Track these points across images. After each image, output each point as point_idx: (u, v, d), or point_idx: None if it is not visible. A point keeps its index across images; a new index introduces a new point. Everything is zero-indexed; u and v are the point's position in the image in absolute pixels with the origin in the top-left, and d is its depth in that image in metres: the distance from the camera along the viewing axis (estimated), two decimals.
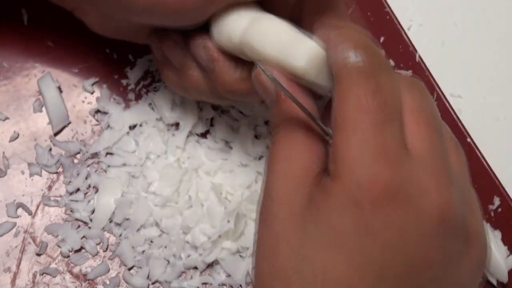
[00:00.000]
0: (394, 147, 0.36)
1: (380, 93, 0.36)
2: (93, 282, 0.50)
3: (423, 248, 0.35)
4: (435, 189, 0.35)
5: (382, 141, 0.35)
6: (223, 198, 0.51)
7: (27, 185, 0.52)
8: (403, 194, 0.35)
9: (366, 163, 0.35)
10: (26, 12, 0.54)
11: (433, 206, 0.35)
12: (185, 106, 0.53)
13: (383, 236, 0.35)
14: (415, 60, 0.55)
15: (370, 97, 0.36)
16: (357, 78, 0.37)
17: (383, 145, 0.35)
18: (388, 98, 0.36)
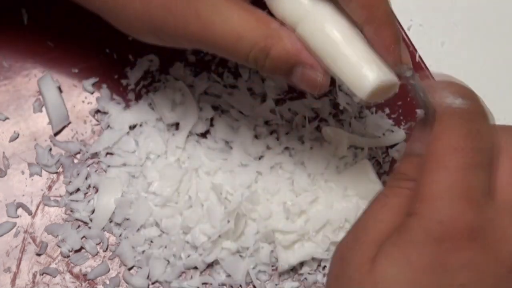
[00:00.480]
0: (480, 191, 0.36)
1: (475, 137, 0.37)
2: (93, 282, 0.50)
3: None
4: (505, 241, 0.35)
5: (468, 183, 0.36)
6: (223, 198, 0.51)
7: (27, 185, 0.52)
8: (484, 237, 0.35)
9: (450, 202, 0.35)
10: (26, 12, 0.54)
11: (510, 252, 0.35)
12: (185, 106, 0.53)
13: (460, 276, 0.35)
14: (415, 60, 0.55)
15: (465, 139, 0.36)
16: (457, 121, 0.37)
17: (469, 188, 0.36)
18: (483, 143, 0.37)
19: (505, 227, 0.35)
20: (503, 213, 0.36)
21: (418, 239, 0.35)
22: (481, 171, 0.36)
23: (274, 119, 0.54)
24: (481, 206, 0.35)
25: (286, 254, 0.50)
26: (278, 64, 0.40)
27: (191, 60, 0.55)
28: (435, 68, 0.56)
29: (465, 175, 0.36)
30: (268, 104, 0.54)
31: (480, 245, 0.35)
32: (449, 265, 0.35)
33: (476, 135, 0.37)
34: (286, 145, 0.53)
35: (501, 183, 0.37)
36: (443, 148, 0.36)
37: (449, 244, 0.35)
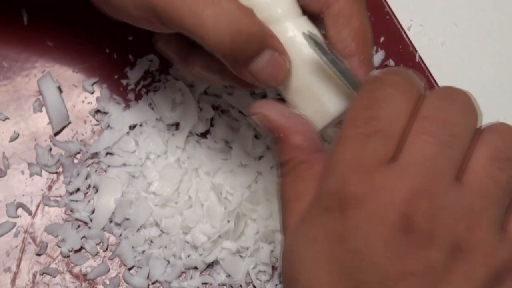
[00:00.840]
0: (371, 158, 0.36)
1: (371, 106, 0.36)
2: (93, 282, 0.50)
3: (393, 259, 0.34)
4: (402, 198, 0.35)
5: (358, 152, 0.36)
6: (223, 198, 0.51)
7: (27, 185, 0.52)
8: (370, 201, 0.35)
9: (338, 173, 0.36)
10: (26, 12, 0.54)
11: (396, 213, 0.34)
12: (185, 106, 0.53)
13: (351, 242, 0.35)
14: (415, 60, 0.55)
15: (361, 110, 0.37)
16: (361, 93, 0.37)
17: (358, 156, 0.36)
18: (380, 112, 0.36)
19: (390, 189, 0.35)
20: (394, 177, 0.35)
21: (315, 214, 0.37)
22: (376, 139, 0.36)
23: None
24: (370, 173, 0.35)
25: None
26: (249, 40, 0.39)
27: None
28: (435, 68, 0.56)
29: (357, 145, 0.36)
30: None
31: (366, 211, 0.35)
32: (339, 233, 0.35)
33: (375, 105, 0.36)
34: None
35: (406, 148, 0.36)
36: (345, 121, 0.37)
37: (337, 213, 0.35)
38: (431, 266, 0.34)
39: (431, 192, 0.35)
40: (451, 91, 0.38)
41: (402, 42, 0.56)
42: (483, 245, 0.35)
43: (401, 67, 0.40)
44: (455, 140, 0.36)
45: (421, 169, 0.35)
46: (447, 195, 0.35)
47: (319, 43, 0.40)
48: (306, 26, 0.41)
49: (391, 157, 0.36)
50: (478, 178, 0.35)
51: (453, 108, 0.36)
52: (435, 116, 0.36)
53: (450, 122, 0.36)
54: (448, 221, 0.35)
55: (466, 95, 0.37)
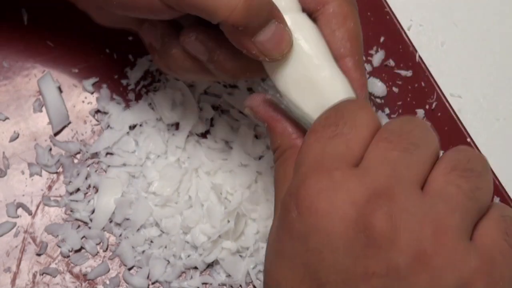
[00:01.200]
0: (331, 159, 0.36)
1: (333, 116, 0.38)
2: (93, 282, 0.50)
3: (354, 258, 0.34)
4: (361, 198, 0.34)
5: (321, 153, 0.36)
6: (223, 198, 0.51)
7: (27, 185, 0.52)
8: (328, 199, 0.35)
9: (300, 174, 0.37)
10: (26, 12, 0.54)
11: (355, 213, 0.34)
12: (185, 106, 0.53)
13: (311, 242, 0.35)
14: (415, 60, 0.55)
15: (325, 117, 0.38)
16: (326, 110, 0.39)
17: (318, 156, 0.36)
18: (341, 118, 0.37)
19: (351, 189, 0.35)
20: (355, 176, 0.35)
21: (280, 212, 0.37)
22: (338, 141, 0.36)
23: None
24: (329, 171, 0.35)
25: None
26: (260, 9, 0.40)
27: None
28: (435, 68, 0.56)
29: (318, 147, 0.37)
30: None
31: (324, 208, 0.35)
32: (298, 233, 0.35)
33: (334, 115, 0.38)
34: None
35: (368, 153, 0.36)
36: (307, 135, 0.38)
37: (294, 212, 0.35)
38: (394, 268, 0.34)
39: (392, 194, 0.35)
40: (409, 117, 0.39)
41: (402, 42, 0.56)
42: (450, 251, 0.34)
43: None
44: (415, 149, 0.36)
45: (381, 171, 0.35)
46: (409, 198, 0.35)
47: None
48: (305, 22, 0.42)
49: (352, 161, 0.36)
50: (440, 186, 0.35)
51: (413, 125, 0.37)
52: (396, 129, 0.37)
53: (410, 134, 0.36)
54: (410, 224, 0.34)
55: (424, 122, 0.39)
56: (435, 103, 0.55)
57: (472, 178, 0.36)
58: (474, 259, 0.34)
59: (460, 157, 0.36)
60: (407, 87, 0.55)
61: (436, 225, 0.34)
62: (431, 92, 0.55)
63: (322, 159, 0.36)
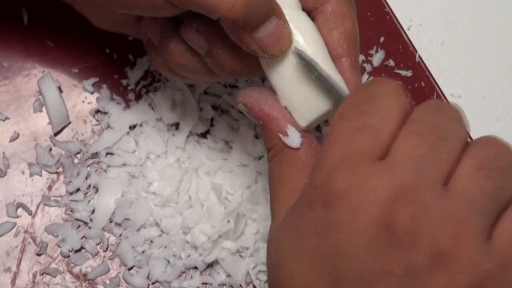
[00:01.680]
0: (358, 150, 0.36)
1: (362, 103, 0.37)
2: (93, 282, 0.50)
3: (373, 256, 0.34)
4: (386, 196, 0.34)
5: (346, 145, 0.36)
6: (223, 198, 0.51)
7: (27, 185, 0.52)
8: (354, 197, 0.35)
9: (326, 166, 0.36)
10: (26, 12, 0.54)
11: (380, 211, 0.34)
12: (185, 106, 0.53)
13: (333, 237, 0.35)
14: (415, 60, 0.55)
15: (352, 106, 0.37)
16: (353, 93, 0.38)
17: (345, 149, 0.36)
18: (372, 107, 0.36)
19: (376, 185, 0.35)
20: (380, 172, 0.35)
21: (300, 205, 0.37)
22: (365, 133, 0.36)
23: None
24: (355, 167, 0.35)
25: None
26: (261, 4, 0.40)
27: None
28: (435, 68, 0.56)
29: (345, 138, 0.36)
30: None
31: (350, 205, 0.35)
32: (322, 227, 0.35)
33: (366, 102, 0.37)
34: None
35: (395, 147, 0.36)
36: (335, 118, 0.37)
37: (320, 206, 0.35)
38: (412, 268, 0.34)
39: (417, 193, 0.35)
40: (442, 103, 0.38)
41: (402, 42, 0.56)
42: (467, 254, 0.34)
43: None
44: (443, 144, 0.35)
45: (407, 168, 0.35)
46: (433, 198, 0.35)
47: (307, 60, 0.40)
48: (304, 20, 0.41)
49: (379, 154, 0.36)
50: (464, 185, 0.35)
51: (443, 116, 0.37)
52: (425, 120, 0.36)
53: (440, 127, 0.36)
54: (432, 225, 0.34)
55: (456, 109, 0.38)
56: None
57: (497, 178, 0.35)
58: (489, 261, 0.34)
59: (488, 153, 0.36)
60: (407, 87, 0.55)
61: (456, 227, 0.34)
62: (431, 92, 0.55)
63: (349, 152, 0.36)
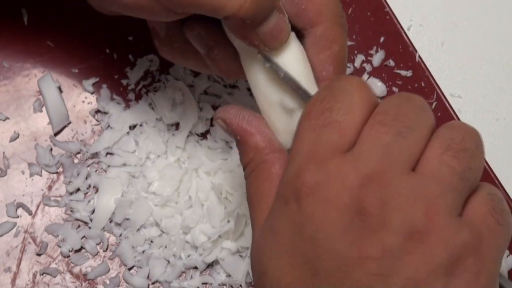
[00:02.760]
0: (325, 146, 0.36)
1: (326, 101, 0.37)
2: (93, 282, 0.50)
3: (348, 244, 0.35)
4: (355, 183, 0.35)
5: (313, 142, 0.37)
6: (223, 198, 0.51)
7: (27, 185, 0.52)
8: (324, 188, 0.35)
9: (296, 164, 0.37)
10: (26, 12, 0.54)
11: (351, 198, 0.35)
12: (185, 106, 0.53)
13: (307, 230, 0.35)
14: (415, 60, 0.55)
15: (316, 104, 0.37)
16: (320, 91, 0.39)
17: (312, 146, 0.36)
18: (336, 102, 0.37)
19: (344, 176, 0.35)
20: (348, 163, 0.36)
21: (275, 207, 0.38)
22: (330, 129, 0.36)
23: None
24: (324, 162, 0.36)
25: None
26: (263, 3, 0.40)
27: None
28: (435, 68, 0.56)
29: (312, 135, 0.37)
30: None
31: (320, 197, 0.35)
32: (297, 223, 0.36)
33: (328, 98, 0.37)
34: None
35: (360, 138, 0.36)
36: (301, 117, 0.38)
37: (294, 203, 0.36)
38: (387, 250, 0.34)
39: (385, 177, 0.35)
40: (407, 94, 0.38)
41: (402, 42, 0.56)
42: (442, 228, 0.35)
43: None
44: (409, 132, 0.36)
45: (374, 155, 0.35)
46: (401, 181, 0.35)
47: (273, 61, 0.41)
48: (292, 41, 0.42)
49: (346, 147, 0.36)
50: (433, 166, 0.36)
51: (408, 106, 0.37)
52: (390, 110, 0.37)
53: (405, 116, 0.36)
54: (402, 206, 0.35)
55: (421, 98, 0.38)
56: (435, 103, 0.55)
57: (465, 159, 0.36)
58: (464, 234, 0.35)
59: (454, 135, 0.37)
60: (407, 87, 0.55)
61: (428, 205, 0.35)
62: (431, 92, 0.55)
63: (316, 149, 0.36)
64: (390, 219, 0.34)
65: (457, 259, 0.35)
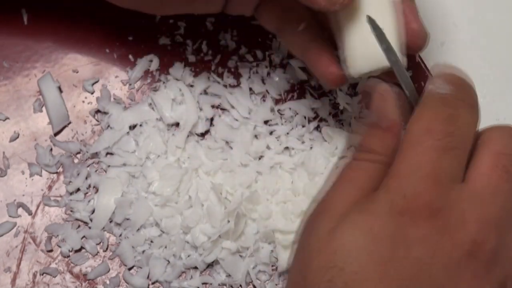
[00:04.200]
0: (448, 174, 0.37)
1: (450, 121, 0.37)
2: (93, 282, 0.50)
3: (450, 277, 0.35)
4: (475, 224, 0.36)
5: (437, 164, 0.37)
6: (223, 198, 0.51)
7: (27, 185, 0.52)
8: (444, 218, 0.36)
9: (416, 180, 0.36)
10: (26, 12, 0.54)
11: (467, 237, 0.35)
12: (185, 106, 0.53)
13: (415, 250, 0.35)
14: (415, 60, 0.55)
15: (441, 123, 0.37)
16: (439, 105, 0.38)
17: (437, 168, 0.37)
18: (458, 128, 0.37)
19: (464, 211, 0.36)
20: (467, 199, 0.36)
21: (381, 211, 0.37)
22: (452, 156, 0.37)
23: (274, 119, 0.54)
24: (446, 188, 0.36)
25: (286, 254, 0.50)
26: None
27: (191, 60, 0.55)
28: None
29: (435, 157, 0.37)
30: (268, 103, 0.54)
31: (438, 224, 0.36)
32: (406, 238, 0.36)
33: (454, 120, 0.37)
34: (286, 145, 0.53)
35: (473, 171, 0.37)
36: (419, 129, 0.38)
37: (409, 219, 0.36)
38: None
39: (501, 227, 0.36)
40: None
41: None
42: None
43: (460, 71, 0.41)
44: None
45: (495, 201, 0.36)
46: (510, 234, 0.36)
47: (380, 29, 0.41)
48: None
49: (461, 177, 0.37)
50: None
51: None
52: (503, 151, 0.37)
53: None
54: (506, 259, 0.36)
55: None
56: None
57: None
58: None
59: None
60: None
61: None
62: None
63: (439, 172, 0.36)
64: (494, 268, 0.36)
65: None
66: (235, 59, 0.55)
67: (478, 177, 0.37)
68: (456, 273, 0.35)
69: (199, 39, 0.55)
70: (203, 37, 0.55)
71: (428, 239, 0.35)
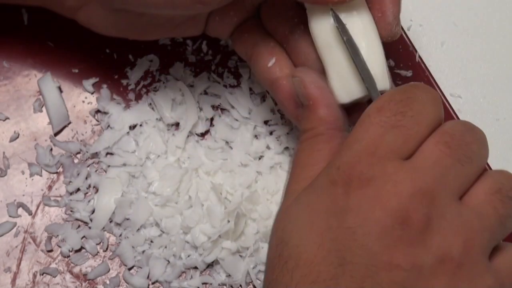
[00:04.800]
0: (388, 147, 0.37)
1: (405, 103, 0.38)
2: (93, 282, 0.50)
3: (383, 246, 0.35)
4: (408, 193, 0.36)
5: (379, 139, 0.37)
6: (223, 198, 0.51)
7: (27, 185, 0.52)
8: (376, 186, 0.36)
9: (352, 152, 0.37)
10: (26, 12, 0.54)
11: (399, 206, 0.36)
12: (185, 106, 0.53)
13: (347, 220, 0.36)
14: (415, 60, 0.55)
15: (394, 103, 0.38)
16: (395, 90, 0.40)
17: (377, 142, 0.37)
18: (411, 110, 0.38)
19: (399, 182, 0.36)
20: (405, 171, 0.36)
21: (319, 184, 0.38)
22: (398, 133, 0.37)
23: (274, 119, 0.54)
24: (382, 160, 0.37)
25: None
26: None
27: (191, 60, 0.55)
28: (435, 68, 0.56)
29: (380, 132, 0.37)
30: (268, 104, 0.54)
31: (369, 193, 0.36)
32: (338, 209, 0.36)
33: (409, 103, 0.38)
34: (286, 145, 0.53)
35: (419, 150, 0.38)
36: (372, 108, 0.39)
37: (341, 189, 0.36)
38: (418, 266, 0.35)
39: (436, 197, 0.36)
40: (471, 125, 0.40)
41: (402, 42, 0.56)
42: (473, 264, 0.36)
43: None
44: (468, 162, 0.37)
45: (432, 172, 0.36)
46: (449, 205, 0.36)
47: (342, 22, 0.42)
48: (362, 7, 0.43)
49: (405, 155, 0.37)
50: (479, 202, 0.37)
51: (473, 136, 0.38)
52: (456, 135, 0.38)
53: (468, 146, 0.38)
54: (445, 230, 0.36)
55: (483, 132, 0.39)
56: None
57: (509, 206, 0.38)
58: (490, 280, 0.36)
59: (506, 182, 0.38)
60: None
61: (467, 238, 0.36)
62: None
63: (379, 145, 0.37)
64: (430, 238, 0.35)
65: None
66: (235, 59, 0.55)
67: (420, 153, 0.37)
68: (390, 241, 0.35)
69: (199, 39, 0.55)
70: (203, 37, 0.55)
71: (358, 208, 0.36)
